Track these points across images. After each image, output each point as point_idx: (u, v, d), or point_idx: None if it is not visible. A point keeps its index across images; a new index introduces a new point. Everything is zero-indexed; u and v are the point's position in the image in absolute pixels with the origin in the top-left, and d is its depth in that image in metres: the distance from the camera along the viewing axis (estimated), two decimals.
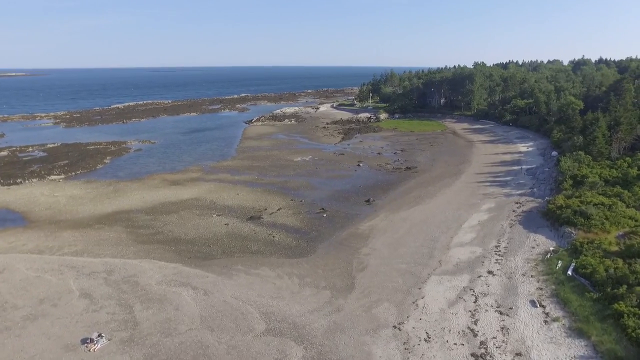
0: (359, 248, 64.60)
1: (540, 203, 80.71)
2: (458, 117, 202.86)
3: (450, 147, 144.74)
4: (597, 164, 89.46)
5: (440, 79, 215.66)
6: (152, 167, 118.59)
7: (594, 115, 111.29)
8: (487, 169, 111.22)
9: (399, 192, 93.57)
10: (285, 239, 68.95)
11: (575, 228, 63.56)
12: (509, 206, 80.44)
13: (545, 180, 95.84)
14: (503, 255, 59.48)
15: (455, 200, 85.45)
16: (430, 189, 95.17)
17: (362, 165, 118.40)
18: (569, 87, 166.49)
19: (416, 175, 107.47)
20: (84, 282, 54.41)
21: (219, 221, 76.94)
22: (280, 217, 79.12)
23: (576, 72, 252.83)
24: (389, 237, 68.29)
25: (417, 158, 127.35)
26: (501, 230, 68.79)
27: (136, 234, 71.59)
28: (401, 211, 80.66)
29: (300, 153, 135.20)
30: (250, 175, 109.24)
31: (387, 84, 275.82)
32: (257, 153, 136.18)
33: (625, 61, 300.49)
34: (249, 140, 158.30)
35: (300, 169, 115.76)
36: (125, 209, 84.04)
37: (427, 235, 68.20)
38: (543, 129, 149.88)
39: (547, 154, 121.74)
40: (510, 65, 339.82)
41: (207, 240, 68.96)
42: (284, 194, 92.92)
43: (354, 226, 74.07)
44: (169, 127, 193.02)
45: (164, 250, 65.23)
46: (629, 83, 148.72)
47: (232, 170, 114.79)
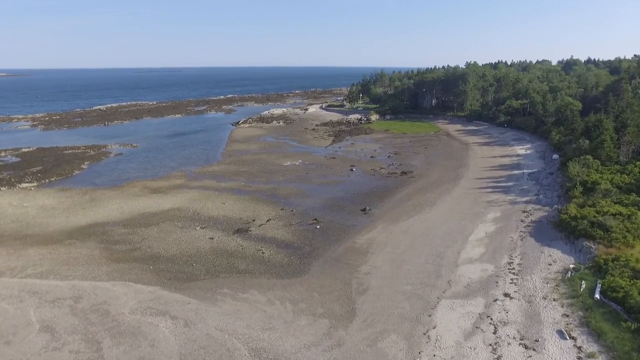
0: (358, 266, 58.49)
1: (549, 212, 75.35)
2: (451, 118, 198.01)
3: (446, 149, 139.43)
4: (606, 168, 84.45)
5: (432, 79, 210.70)
6: (132, 173, 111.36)
7: (596, 117, 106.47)
8: (487, 174, 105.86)
9: (397, 200, 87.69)
10: (276, 256, 62.58)
11: (594, 242, 58.14)
12: (516, 215, 74.93)
13: (550, 186, 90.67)
14: (518, 273, 53.75)
15: (458, 209, 79.77)
16: (429, 195, 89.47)
17: (355, 170, 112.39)
18: (565, 88, 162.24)
19: (413, 181, 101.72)
20: (46, 311, 47.52)
21: (203, 235, 70.32)
22: (270, 229, 72.73)
23: (568, 72, 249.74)
24: (389, 252, 62.28)
25: (412, 162, 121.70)
26: (512, 243, 63.15)
27: (111, 250, 64.69)
28: (400, 221, 74.73)
29: (290, 157, 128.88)
30: (237, 181, 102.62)
31: (377, 84, 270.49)
32: (244, 157, 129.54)
33: (614, 61, 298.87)
34: (236, 144, 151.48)
35: (290, 174, 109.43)
36: (100, 221, 76.99)
37: (432, 250, 62.31)
38: (540, 131, 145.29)
39: (548, 157, 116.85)
40: (500, 65, 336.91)
41: (190, 257, 62.33)
42: (274, 203, 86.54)
43: (351, 239, 67.97)
44: (153, 130, 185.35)
45: (141, 269, 58.48)
46: (627, 83, 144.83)
47: (217, 176, 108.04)
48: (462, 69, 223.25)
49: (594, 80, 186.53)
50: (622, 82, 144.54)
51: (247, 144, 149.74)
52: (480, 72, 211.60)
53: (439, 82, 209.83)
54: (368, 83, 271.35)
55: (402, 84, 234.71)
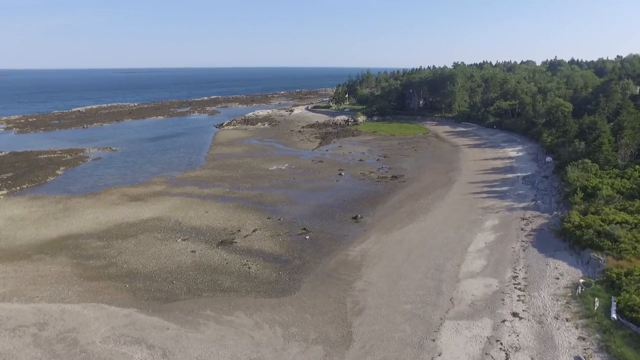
0: (352, 282, 54.28)
1: (549, 219, 72.05)
2: (439, 119, 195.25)
3: (435, 152, 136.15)
4: (605, 172, 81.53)
5: (420, 80, 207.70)
6: (110, 179, 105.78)
7: (590, 119, 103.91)
8: (480, 177, 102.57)
9: (389, 207, 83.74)
10: (263, 271, 58.07)
11: (602, 253, 54.74)
12: (515, 223, 71.46)
13: (547, 191, 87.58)
14: (524, 289, 50.04)
15: (454, 216, 76.08)
16: (422, 202, 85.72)
17: (344, 175, 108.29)
18: (554, 89, 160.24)
19: (404, 186, 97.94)
20: (5, 342, 42.36)
21: (184, 247, 65.47)
22: (256, 240, 68.17)
23: (555, 73, 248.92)
24: (385, 265, 58.20)
25: (402, 165, 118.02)
26: (514, 254, 59.53)
27: (83, 266, 59.53)
28: (394, 231, 70.74)
29: (276, 160, 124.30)
30: (221, 187, 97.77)
31: (363, 85, 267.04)
32: (229, 161, 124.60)
33: (598, 62, 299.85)
34: (220, 147, 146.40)
35: (276, 179, 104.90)
36: (74, 232, 71.63)
37: (430, 262, 58.38)
38: (531, 132, 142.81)
39: (541, 160, 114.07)
40: (486, 65, 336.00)
41: (170, 273, 57.49)
42: (260, 211, 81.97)
43: (343, 251, 63.75)
44: (133, 132, 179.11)
45: (116, 289, 53.52)
46: (616, 84, 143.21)
47: (200, 181, 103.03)
48: (449, 69, 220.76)
49: (582, 81, 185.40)
50: (611, 83, 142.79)
51: (231, 147, 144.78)
52: (468, 73, 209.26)
53: (426, 83, 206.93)
54: (354, 84, 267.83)
55: (389, 84, 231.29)
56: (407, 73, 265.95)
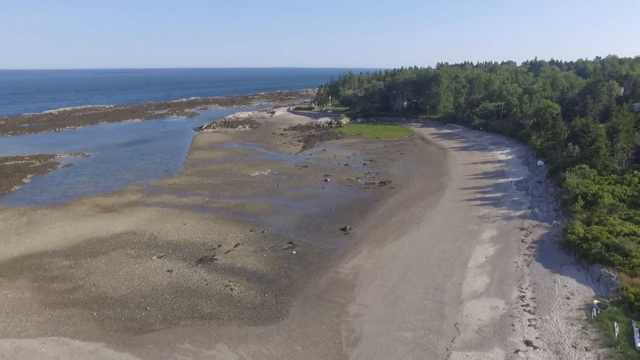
0: (346, 305, 49.44)
1: (549, 228, 68.31)
2: (424, 120, 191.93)
3: (423, 155, 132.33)
4: (603, 178, 78.28)
5: (404, 81, 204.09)
6: (81, 188, 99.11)
7: (583, 121, 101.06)
8: (472, 183, 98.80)
9: (379, 216, 79.18)
10: (247, 293, 52.83)
11: (614, 269, 50.91)
12: (515, 234, 67.52)
13: (542, 197, 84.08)
14: (535, 312, 45.82)
15: (449, 227, 71.85)
16: (414, 210, 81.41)
17: (329, 181, 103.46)
18: (540, 90, 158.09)
19: (393, 192, 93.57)
20: None
21: (160, 266, 59.83)
22: (238, 256, 62.86)
23: (538, 74, 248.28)
24: (380, 285, 53.51)
25: (390, 170, 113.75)
26: (517, 270, 55.41)
27: (46, 291, 53.51)
28: (387, 244, 66.15)
29: (258, 166, 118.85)
30: (200, 196, 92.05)
31: (346, 86, 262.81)
32: (208, 167, 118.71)
33: (580, 63, 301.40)
34: (199, 151, 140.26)
35: (259, 186, 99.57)
36: (37, 250, 65.33)
37: (429, 281, 53.90)
38: (519, 134, 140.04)
39: (532, 163, 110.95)
40: (467, 66, 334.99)
41: (144, 298, 51.88)
42: (242, 222, 76.63)
43: (333, 268, 58.88)
44: (108, 136, 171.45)
45: (82, 318, 47.73)
46: (603, 86, 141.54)
47: (178, 190, 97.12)
48: (434, 70, 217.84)
49: (565, 82, 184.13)
50: (598, 84, 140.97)
51: (211, 152, 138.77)
52: (452, 74, 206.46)
53: (410, 84, 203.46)
54: (336, 85, 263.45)
55: (372, 85, 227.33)
56: (390, 74, 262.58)
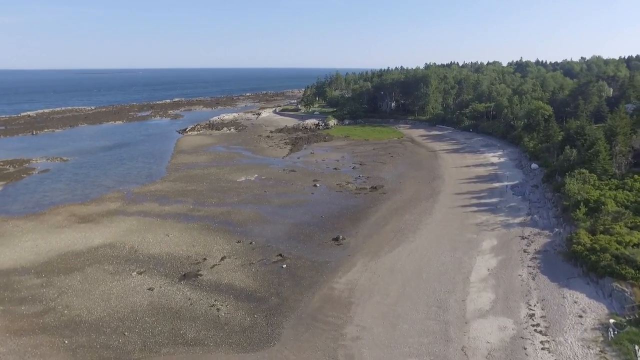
0: (342, 326, 45.69)
1: (551, 237, 65.37)
2: (412, 122, 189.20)
3: (413, 158, 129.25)
4: (604, 183, 75.71)
5: (392, 82, 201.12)
6: (58, 196, 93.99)
7: (578, 124, 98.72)
8: (466, 187, 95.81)
9: (372, 224, 75.63)
10: (235, 314, 48.79)
11: (626, 283, 47.94)
12: (516, 243, 64.44)
13: (540, 203, 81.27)
14: (547, 332, 42.57)
15: (446, 236, 68.56)
16: (408, 217, 78.02)
17: (319, 186, 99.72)
18: (530, 91, 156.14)
19: (385, 198, 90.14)
20: None
21: (140, 284, 55.48)
22: (225, 271, 58.77)
23: (525, 75, 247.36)
24: (378, 302, 49.88)
25: (381, 174, 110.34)
26: (523, 284, 52.22)
27: (12, 315, 48.88)
28: (382, 255, 62.61)
29: (244, 170, 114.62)
30: (183, 204, 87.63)
31: (333, 86, 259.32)
32: (193, 172, 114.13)
33: (566, 64, 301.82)
34: (183, 155, 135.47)
35: (245, 192, 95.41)
36: (5, 267, 60.55)
37: (430, 297, 50.41)
38: (510, 136, 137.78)
39: (526, 167, 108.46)
40: (453, 66, 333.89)
41: (122, 321, 47.54)
42: (228, 233, 72.50)
43: (327, 283, 55.11)
44: (88, 140, 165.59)
45: (52, 347, 43.30)
46: (594, 87, 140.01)
47: (161, 197, 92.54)
48: (422, 70, 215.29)
49: (553, 82, 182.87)
50: (589, 85, 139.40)
51: (195, 156, 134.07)
52: (441, 74, 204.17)
53: (398, 85, 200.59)
54: (323, 85, 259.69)
55: (360, 86, 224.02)
56: (376, 74, 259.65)
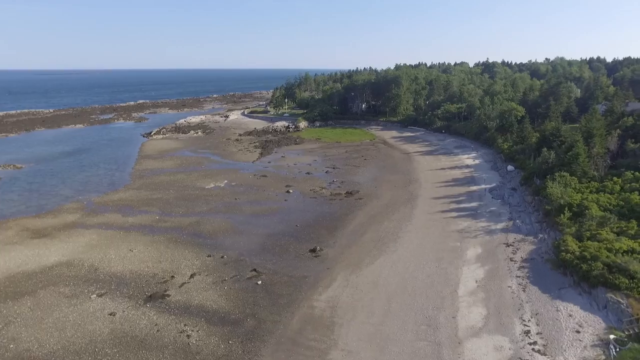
0: (326, 351, 41.81)
1: (536, 244, 63.23)
2: (384, 123, 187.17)
3: (387, 161, 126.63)
4: (584, 186, 74.30)
5: (363, 83, 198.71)
6: (9, 208, 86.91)
7: (553, 125, 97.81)
8: (443, 191, 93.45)
9: (350, 233, 72.08)
10: (207, 340, 44.25)
11: (620, 293, 45.75)
12: (501, 251, 61.98)
13: (521, 207, 79.42)
14: (545, 351, 39.74)
15: (428, 244, 65.60)
16: (387, 225, 74.82)
17: (292, 192, 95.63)
18: (502, 92, 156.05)
19: (362, 204, 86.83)
20: None
21: (100, 308, 50.22)
22: (195, 290, 54.08)
23: (492, 76, 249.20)
24: (363, 322, 46.22)
25: (355, 178, 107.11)
26: (514, 297, 49.48)
27: None
28: (364, 267, 59.08)
29: (213, 176, 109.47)
30: (149, 214, 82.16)
31: (302, 87, 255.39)
32: (158, 178, 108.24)
33: (532, 65, 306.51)
34: (148, 160, 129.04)
35: (215, 200, 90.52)
36: None
37: (418, 314, 47.07)
38: (483, 137, 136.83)
39: (501, 168, 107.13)
40: (421, 66, 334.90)
41: (78, 355, 42.30)
42: (198, 245, 67.67)
43: (307, 301, 51.15)
44: (45, 145, 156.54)
45: None
46: (564, 88, 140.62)
47: (124, 207, 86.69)
48: (393, 71, 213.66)
49: (521, 83, 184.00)
50: (560, 86, 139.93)
51: (161, 161, 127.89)
52: (412, 75, 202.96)
53: (369, 86, 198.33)
54: (292, 86, 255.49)
55: (330, 87, 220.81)
56: (346, 75, 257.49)
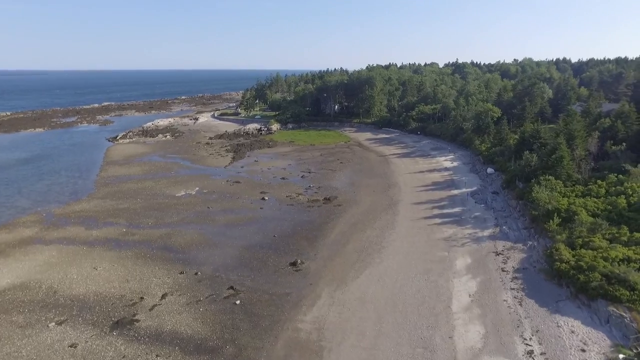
0: None
1: (525, 251, 60.92)
2: (358, 125, 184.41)
3: (364, 164, 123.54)
4: (569, 190, 72.54)
5: (336, 84, 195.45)
6: None
7: (532, 127, 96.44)
8: (424, 196, 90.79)
9: (332, 243, 68.34)
10: None
11: (623, 307, 43.41)
12: (491, 260, 59.31)
13: (506, 212, 77.31)
14: None
15: (415, 254, 62.43)
16: (370, 233, 71.44)
17: (267, 199, 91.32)
18: (476, 93, 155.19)
19: (341, 211, 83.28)
20: None
21: (59, 338, 44.94)
22: (167, 313, 49.30)
23: (464, 76, 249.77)
24: (354, 346, 42.48)
25: (332, 183, 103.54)
26: (511, 312, 46.61)
27: None
28: (349, 282, 55.41)
29: (183, 183, 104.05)
30: (115, 226, 76.52)
31: (273, 89, 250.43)
32: (125, 186, 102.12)
33: (503, 65, 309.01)
34: (114, 167, 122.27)
35: (186, 210, 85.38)
36: None
37: (412, 335, 43.62)
38: (460, 139, 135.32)
39: (481, 171, 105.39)
40: (392, 67, 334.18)
41: None
42: (169, 261, 62.72)
43: (290, 323, 47.07)
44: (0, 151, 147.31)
45: None
46: (538, 89, 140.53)
47: (87, 218, 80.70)
48: (366, 72, 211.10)
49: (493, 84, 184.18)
50: (534, 87, 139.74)
51: (127, 167, 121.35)
52: (385, 76, 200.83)
53: (342, 87, 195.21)
54: (263, 88, 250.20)
55: (303, 88, 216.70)
56: (318, 76, 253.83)
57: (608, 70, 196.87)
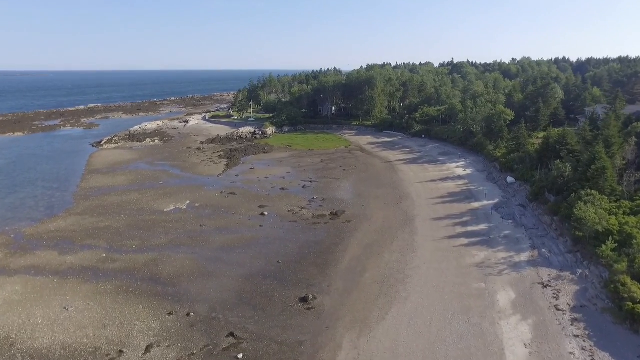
0: None
1: (578, 282, 51.82)
2: (357, 128, 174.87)
3: (369, 171, 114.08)
4: (615, 206, 63.47)
5: (334, 85, 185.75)
6: None
7: (559, 132, 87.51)
8: (442, 210, 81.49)
9: (346, 271, 58.79)
10: None
11: None
12: (539, 294, 49.99)
13: (540, 230, 68.12)
14: None
15: (447, 287, 52.99)
16: (389, 258, 61.96)
17: (267, 214, 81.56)
18: (484, 94, 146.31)
19: (352, 229, 73.77)
20: None
21: None
22: None
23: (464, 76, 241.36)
24: None
25: (337, 194, 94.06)
26: None
27: None
28: (373, 325, 45.80)
29: (173, 195, 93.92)
30: (93, 250, 66.35)
31: (267, 89, 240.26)
32: (108, 199, 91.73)
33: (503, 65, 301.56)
34: (96, 176, 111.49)
35: (175, 228, 75.35)
36: None
37: None
38: (470, 143, 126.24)
39: (499, 180, 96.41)
40: (387, 67, 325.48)
41: None
42: (156, 297, 52.76)
43: None
44: None
45: None
46: (552, 90, 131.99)
47: (62, 240, 70.38)
48: (365, 72, 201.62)
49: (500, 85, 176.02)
50: (548, 88, 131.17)
51: (111, 177, 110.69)
52: (386, 76, 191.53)
53: (340, 88, 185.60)
54: (256, 88, 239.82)
55: (299, 89, 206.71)
56: (311, 76, 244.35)
57: (616, 70, 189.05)
